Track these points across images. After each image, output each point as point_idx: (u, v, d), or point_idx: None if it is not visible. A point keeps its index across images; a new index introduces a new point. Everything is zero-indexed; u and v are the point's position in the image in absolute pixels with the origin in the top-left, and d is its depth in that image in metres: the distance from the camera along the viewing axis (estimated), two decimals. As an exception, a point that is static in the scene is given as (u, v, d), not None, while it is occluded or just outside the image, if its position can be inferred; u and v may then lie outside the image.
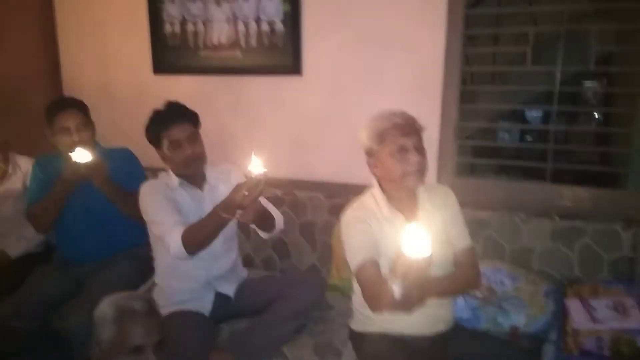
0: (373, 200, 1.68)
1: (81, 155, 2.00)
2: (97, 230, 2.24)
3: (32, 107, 2.97)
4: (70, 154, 2.01)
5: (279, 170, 2.60)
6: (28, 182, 2.41)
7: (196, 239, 1.80)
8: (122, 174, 2.21)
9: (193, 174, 1.99)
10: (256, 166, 1.65)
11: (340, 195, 2.42)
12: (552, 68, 2.17)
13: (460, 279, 1.68)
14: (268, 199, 2.17)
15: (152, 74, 2.83)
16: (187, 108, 1.97)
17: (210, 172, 2.05)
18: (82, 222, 2.22)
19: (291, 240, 2.49)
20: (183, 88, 2.79)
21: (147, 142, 1.97)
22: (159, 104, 2.82)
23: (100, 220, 2.23)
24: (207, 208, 1.95)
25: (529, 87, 2.51)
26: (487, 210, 2.19)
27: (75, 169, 2.01)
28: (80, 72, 3.06)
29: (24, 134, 2.77)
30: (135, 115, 2.24)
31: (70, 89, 3.09)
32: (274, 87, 2.60)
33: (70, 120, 2.14)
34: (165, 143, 1.91)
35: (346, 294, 2.22)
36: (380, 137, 1.59)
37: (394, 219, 1.64)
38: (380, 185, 1.68)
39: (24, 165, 2.48)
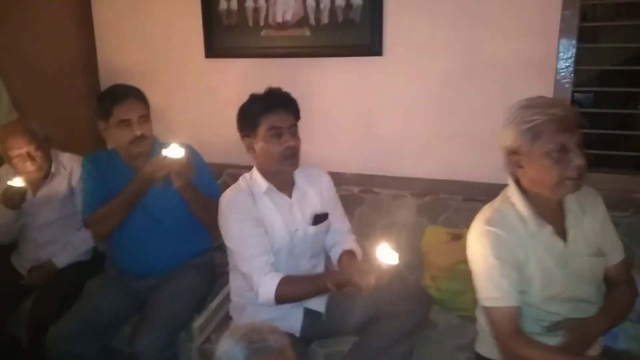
0: (512, 210, 1.38)
1: (175, 151, 1.71)
2: (162, 240, 1.95)
3: (66, 95, 2.68)
4: (164, 149, 1.73)
5: (356, 164, 2.33)
6: (76, 183, 2.13)
7: (291, 296, 1.58)
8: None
9: (287, 173, 1.69)
10: (388, 255, 1.38)
11: (431, 192, 2.13)
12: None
13: (621, 306, 1.42)
14: (342, 197, 1.92)
15: (203, 57, 2.52)
16: (290, 95, 1.68)
17: (298, 175, 1.75)
18: (145, 230, 1.93)
19: (371, 245, 2.19)
20: (239, 73, 2.48)
21: (195, 139, 1.78)
22: (210, 92, 2.59)
23: (166, 228, 1.95)
24: (296, 217, 1.69)
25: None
26: (613, 211, 1.88)
27: (161, 166, 1.72)
28: (118, 56, 2.76)
29: (61, 125, 2.47)
30: (184, 105, 1.98)
31: (107, 74, 2.78)
32: (348, 71, 2.28)
33: (131, 112, 1.84)
34: (261, 131, 1.61)
35: (447, 307, 1.95)
36: (534, 133, 1.28)
37: (541, 233, 1.35)
38: (521, 190, 1.38)
39: (68, 164, 2.19)
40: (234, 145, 1.70)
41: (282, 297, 1.55)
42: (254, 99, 1.68)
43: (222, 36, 2.45)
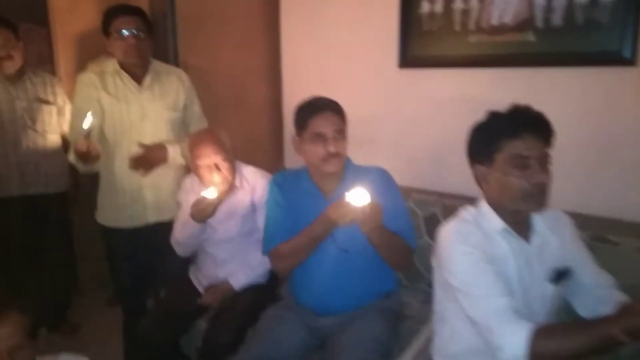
0: None
1: (359, 197, 1.42)
2: (347, 274, 1.70)
3: (250, 104, 2.61)
4: (347, 193, 1.43)
5: (591, 203, 1.84)
6: (258, 200, 1.98)
7: (555, 352, 1.11)
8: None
9: (527, 213, 1.31)
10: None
11: None
12: None
13: None
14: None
15: (395, 67, 2.24)
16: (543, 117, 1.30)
17: (536, 216, 1.35)
18: (329, 262, 1.69)
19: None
20: (439, 86, 2.15)
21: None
22: (402, 106, 2.26)
23: (352, 262, 1.69)
24: (534, 270, 1.31)
25: None
26: None
27: (344, 213, 1.45)
28: (301, 64, 2.61)
29: (241, 135, 2.38)
30: (372, 122, 1.70)
31: (290, 83, 2.65)
32: (584, 84, 1.82)
33: (327, 125, 1.62)
34: (501, 159, 1.27)
35: None
36: None
37: None
38: None
39: (251, 178, 2.05)
40: (426, 167, 1.38)
41: (541, 354, 1.11)
42: (495, 118, 1.33)
43: (421, 43, 2.14)
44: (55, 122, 2.47)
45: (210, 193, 1.82)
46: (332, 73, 2.48)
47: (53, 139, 2.47)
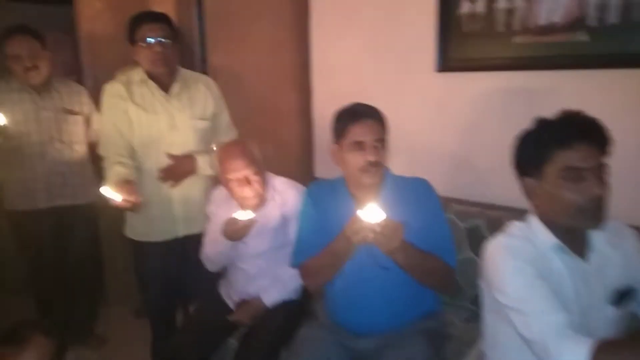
0: None
1: (371, 214, 1.31)
2: (386, 292, 1.60)
3: (279, 112, 2.52)
4: (359, 211, 1.33)
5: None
6: (289, 212, 1.89)
7: None
8: (418, 220, 1.53)
9: (584, 230, 1.20)
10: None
11: None
12: None
13: None
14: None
15: (433, 71, 2.12)
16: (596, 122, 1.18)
17: (596, 233, 1.23)
18: (366, 279, 1.60)
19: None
20: (481, 91, 2.02)
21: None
22: (443, 112, 2.12)
23: (392, 278, 1.58)
24: (594, 291, 1.20)
25: None
26: None
27: (356, 230, 1.35)
28: (331, 69, 2.51)
29: (270, 144, 2.30)
30: (409, 130, 1.58)
31: (320, 90, 2.56)
32: (643, 87, 1.68)
33: (367, 133, 1.55)
34: (552, 171, 1.17)
35: None
36: None
37: None
38: None
39: (282, 189, 1.96)
40: (468, 177, 1.27)
41: None
42: (543, 126, 1.22)
43: (461, 46, 2.02)
44: (82, 132, 2.42)
45: (245, 215, 1.74)
46: (365, 78, 2.38)
47: (80, 149, 2.42)
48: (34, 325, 1.32)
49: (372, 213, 1.31)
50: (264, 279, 1.94)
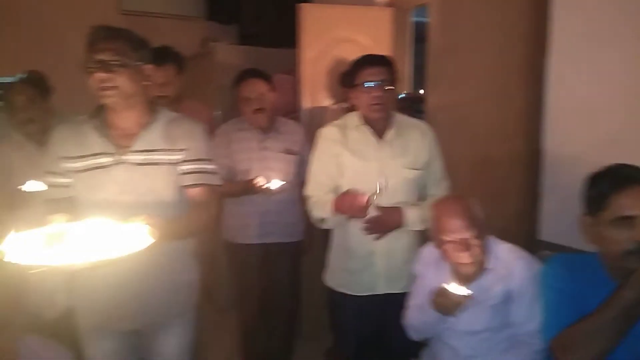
0: None
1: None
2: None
3: (501, 160, 2.20)
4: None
5: None
6: (516, 287, 1.58)
7: None
8: None
9: None
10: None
11: None
12: None
13: None
14: None
15: None
16: None
17: None
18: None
19: None
20: None
21: None
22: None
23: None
24: None
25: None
26: None
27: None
28: (570, 108, 2.08)
29: (492, 200, 1.99)
30: None
31: (555, 134, 2.14)
32: None
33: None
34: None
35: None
36: None
37: None
38: None
39: (507, 259, 1.65)
40: None
41: None
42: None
43: None
44: (297, 172, 2.47)
45: (460, 290, 1.51)
46: (619, 121, 1.91)
47: (293, 189, 2.47)
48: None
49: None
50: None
